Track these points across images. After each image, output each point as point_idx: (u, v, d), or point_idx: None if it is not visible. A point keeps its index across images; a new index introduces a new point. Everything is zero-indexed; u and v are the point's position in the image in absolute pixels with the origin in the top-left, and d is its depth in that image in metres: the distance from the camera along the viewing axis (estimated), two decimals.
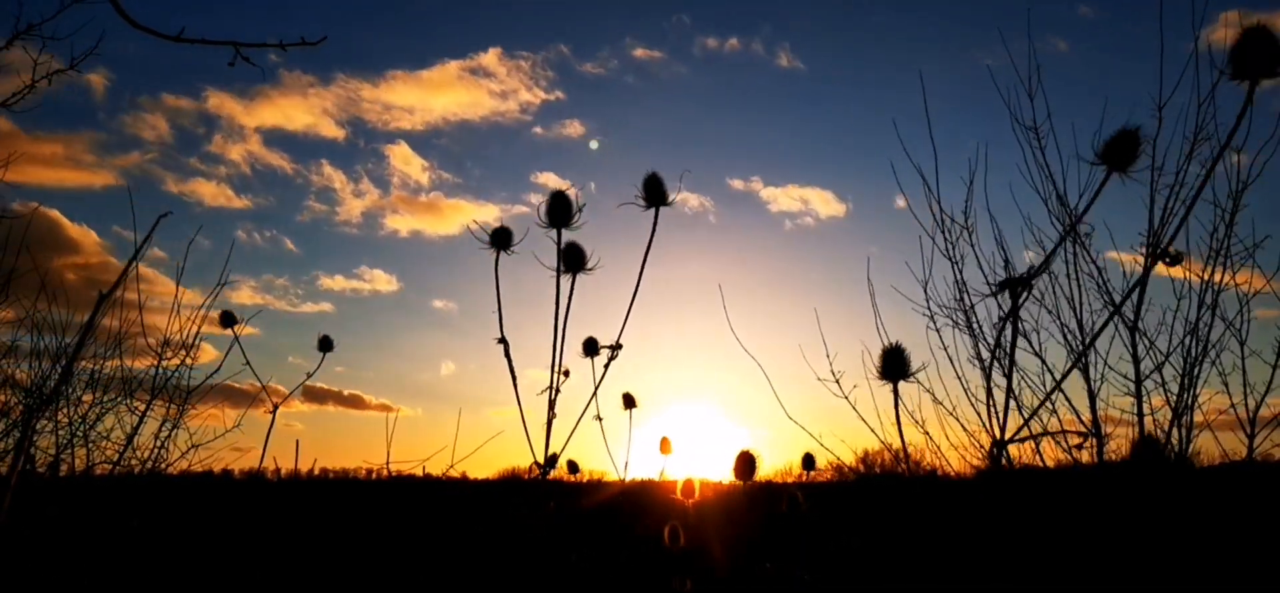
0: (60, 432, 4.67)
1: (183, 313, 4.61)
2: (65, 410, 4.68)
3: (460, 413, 4.36)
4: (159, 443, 4.82)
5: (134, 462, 4.85)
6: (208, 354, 4.87)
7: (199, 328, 4.58)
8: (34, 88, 3.81)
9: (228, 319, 4.18)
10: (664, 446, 3.70)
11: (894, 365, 2.27)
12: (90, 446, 4.79)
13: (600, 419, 3.11)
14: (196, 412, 4.84)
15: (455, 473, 4.59)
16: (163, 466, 4.92)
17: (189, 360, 4.68)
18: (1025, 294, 2.02)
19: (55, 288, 4.62)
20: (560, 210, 2.55)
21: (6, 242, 4.27)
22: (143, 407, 4.63)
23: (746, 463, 3.10)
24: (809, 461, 3.82)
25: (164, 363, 4.62)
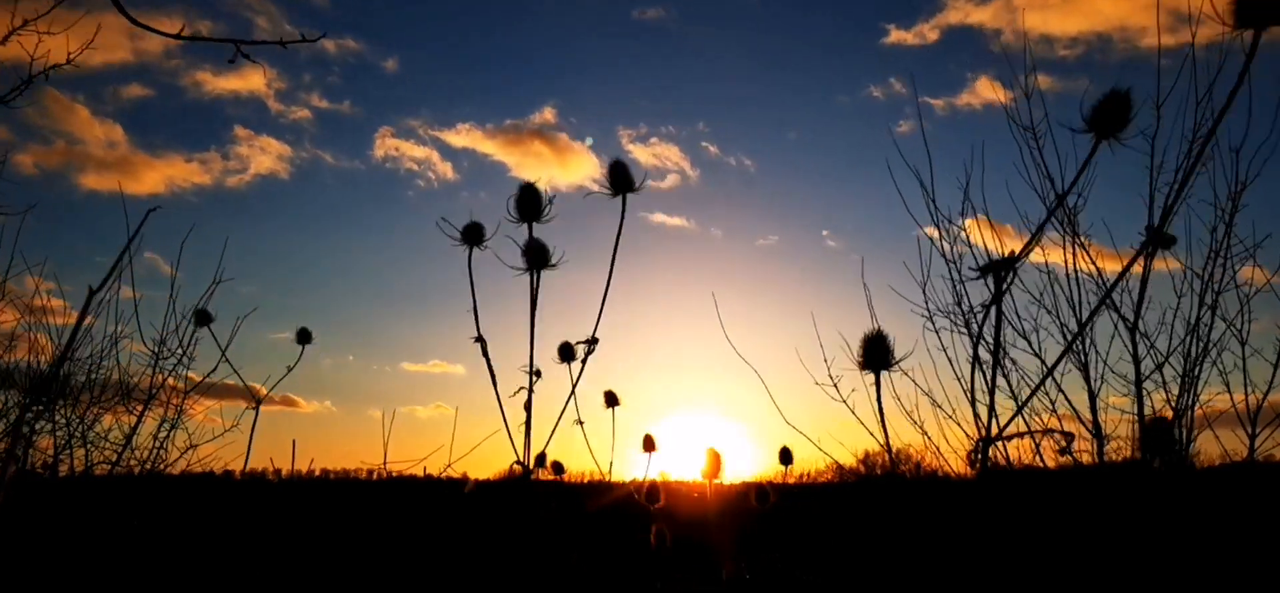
0: (58, 432, 4.67)
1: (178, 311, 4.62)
2: (63, 410, 4.68)
3: (458, 412, 4.35)
4: (158, 443, 4.81)
5: (133, 462, 4.85)
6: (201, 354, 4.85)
7: (195, 328, 4.57)
8: (30, 83, 3.80)
9: (203, 318, 4.12)
10: (648, 444, 3.67)
11: (876, 355, 2.12)
12: (89, 446, 4.79)
13: (581, 422, 3.07)
14: (193, 411, 4.84)
15: (455, 473, 4.58)
16: (161, 466, 4.91)
17: (185, 359, 4.67)
18: (1010, 277, 1.90)
19: (50, 288, 4.62)
20: (530, 204, 2.49)
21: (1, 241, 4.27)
22: (140, 406, 4.63)
23: (713, 462, 3.07)
24: (785, 455, 3.77)
25: (160, 362, 4.62)
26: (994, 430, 1.97)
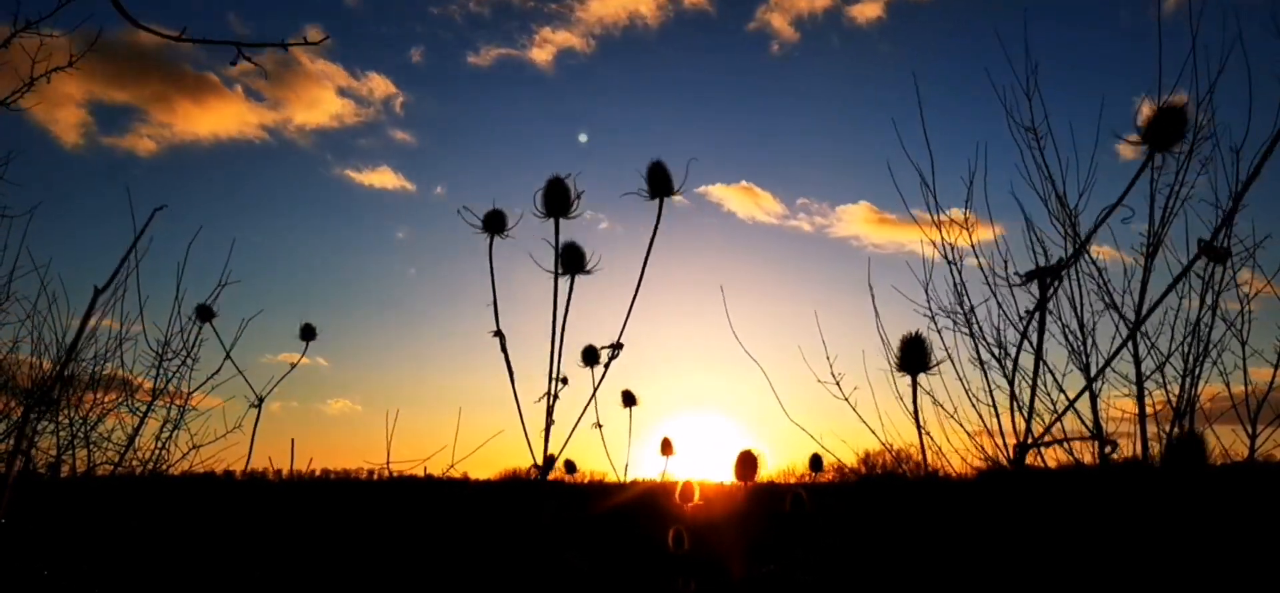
0: (61, 433, 4.66)
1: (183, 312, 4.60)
2: (66, 411, 4.67)
3: (460, 412, 4.36)
4: (160, 444, 4.80)
5: (135, 463, 4.84)
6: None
7: (199, 329, 4.56)
8: (33, 85, 3.79)
9: (205, 313, 4.09)
10: (666, 447, 3.65)
11: (913, 357, 2.15)
12: (91, 446, 4.78)
13: (599, 426, 3.02)
14: (196, 412, 4.83)
15: (456, 474, 4.58)
16: (164, 466, 4.90)
17: (189, 360, 4.66)
18: (1054, 285, 1.95)
19: (55, 288, 4.61)
20: (558, 199, 2.34)
21: (7, 242, 4.27)
22: (143, 407, 4.62)
23: (747, 463, 3.01)
24: (816, 461, 3.78)
25: (164, 363, 4.61)
26: (1033, 435, 2.01)
